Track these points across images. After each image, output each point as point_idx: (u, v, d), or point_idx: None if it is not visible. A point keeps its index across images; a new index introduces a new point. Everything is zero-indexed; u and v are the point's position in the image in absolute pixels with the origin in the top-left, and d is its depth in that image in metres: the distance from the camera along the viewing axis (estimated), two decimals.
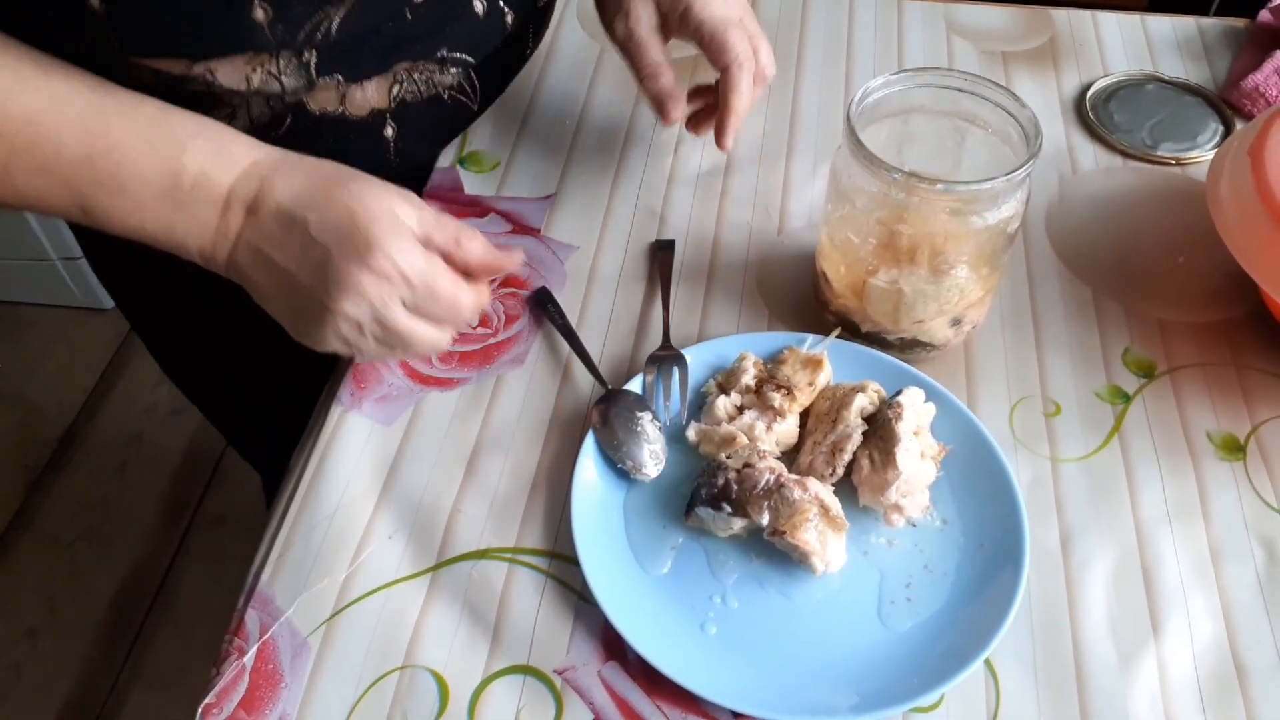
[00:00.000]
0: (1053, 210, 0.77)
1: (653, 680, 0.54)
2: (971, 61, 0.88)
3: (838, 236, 0.63)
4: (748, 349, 0.65)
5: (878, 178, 0.58)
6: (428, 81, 0.70)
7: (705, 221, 0.76)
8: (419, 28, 0.66)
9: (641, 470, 0.60)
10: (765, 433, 0.60)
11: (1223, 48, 0.90)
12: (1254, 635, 0.56)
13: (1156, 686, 0.54)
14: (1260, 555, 0.59)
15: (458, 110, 0.77)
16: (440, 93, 0.73)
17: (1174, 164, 0.80)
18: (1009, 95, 0.61)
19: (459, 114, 0.78)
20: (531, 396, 0.66)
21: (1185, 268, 0.73)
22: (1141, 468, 0.62)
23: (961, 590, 0.56)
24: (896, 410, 0.58)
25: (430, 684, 0.54)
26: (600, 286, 0.72)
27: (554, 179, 0.79)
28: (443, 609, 0.57)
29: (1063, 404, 0.65)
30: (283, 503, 0.62)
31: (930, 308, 0.63)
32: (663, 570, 0.57)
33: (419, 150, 0.77)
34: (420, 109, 0.72)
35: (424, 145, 0.78)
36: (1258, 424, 0.64)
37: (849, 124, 0.59)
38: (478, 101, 0.78)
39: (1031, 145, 0.58)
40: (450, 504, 0.61)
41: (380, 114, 0.69)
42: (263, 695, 0.54)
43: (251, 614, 0.57)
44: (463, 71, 0.73)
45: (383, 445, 0.64)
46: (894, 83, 0.62)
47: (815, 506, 0.55)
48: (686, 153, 0.81)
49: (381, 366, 0.67)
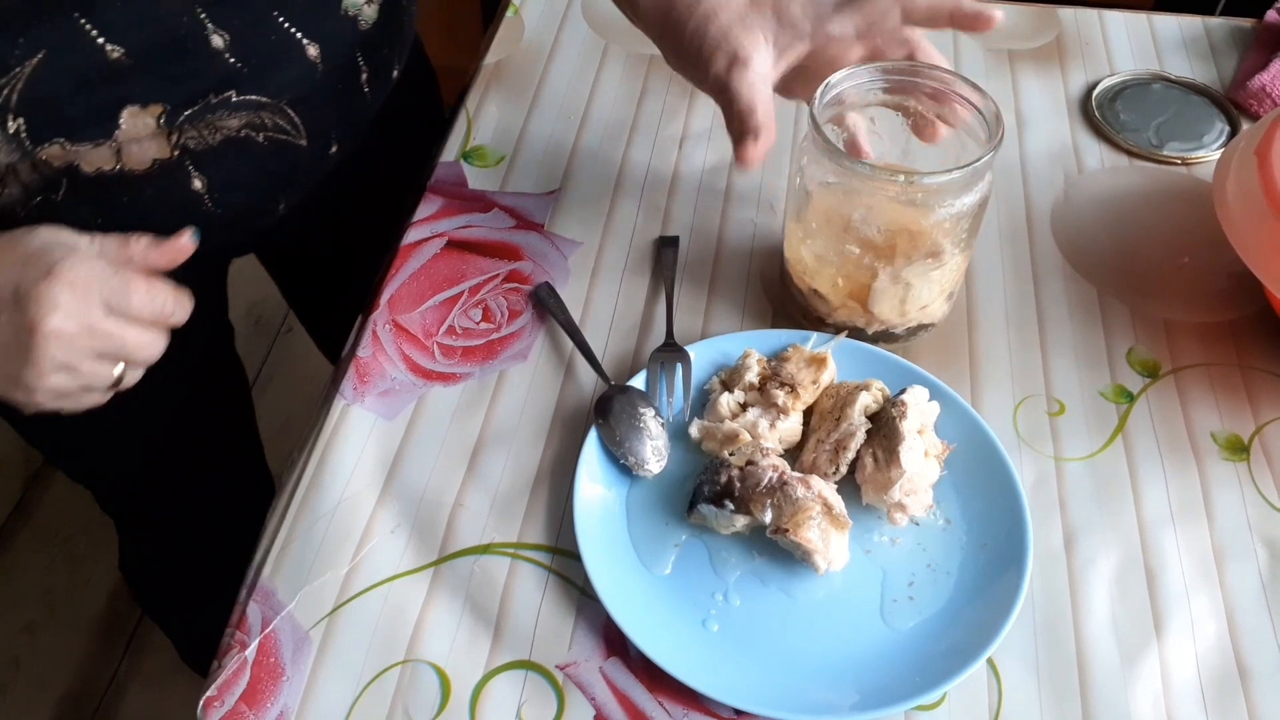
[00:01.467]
0: (1058, 209, 0.77)
1: (655, 676, 0.53)
2: (978, 59, 0.88)
3: (825, 252, 0.63)
4: (751, 346, 0.65)
5: (847, 174, 0.59)
6: (210, 126, 0.62)
7: (709, 218, 0.76)
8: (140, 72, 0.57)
9: (644, 467, 0.60)
10: (768, 430, 0.60)
11: (1229, 47, 0.90)
12: (1257, 636, 0.55)
13: (1159, 687, 0.54)
14: (1264, 556, 0.58)
15: (281, 151, 0.67)
16: (239, 134, 0.63)
17: (1180, 164, 0.80)
18: (971, 86, 0.61)
19: (284, 155, 0.67)
20: (534, 392, 0.66)
21: (1190, 268, 0.73)
22: (1145, 467, 0.62)
23: (964, 589, 0.56)
24: (900, 408, 0.58)
25: (432, 679, 0.54)
26: (604, 282, 0.72)
27: (558, 174, 0.79)
28: (445, 604, 0.57)
29: (1067, 403, 0.65)
30: (285, 496, 0.62)
31: (933, 290, 0.64)
32: (665, 571, 0.57)
33: (246, 198, 0.69)
34: (226, 154, 0.64)
35: (252, 193, 0.69)
36: (1262, 424, 0.64)
37: (813, 120, 0.59)
38: (305, 137, 0.68)
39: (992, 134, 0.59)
40: (453, 499, 0.61)
41: (169, 165, 0.62)
42: (264, 689, 0.54)
43: (253, 607, 0.56)
44: (263, 108, 0.63)
45: (385, 440, 0.64)
46: (857, 76, 0.62)
47: (818, 504, 0.55)
48: (691, 149, 0.81)
49: (384, 360, 0.67)
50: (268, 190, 0.70)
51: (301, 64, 0.63)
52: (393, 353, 0.68)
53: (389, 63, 0.73)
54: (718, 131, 0.82)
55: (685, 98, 0.85)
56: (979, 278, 0.72)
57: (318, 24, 0.63)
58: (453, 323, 0.70)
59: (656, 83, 0.86)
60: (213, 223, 0.66)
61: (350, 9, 0.66)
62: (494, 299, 0.71)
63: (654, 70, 0.87)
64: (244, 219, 0.70)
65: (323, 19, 0.64)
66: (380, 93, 0.73)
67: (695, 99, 0.85)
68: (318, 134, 0.69)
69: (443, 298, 0.71)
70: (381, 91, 0.74)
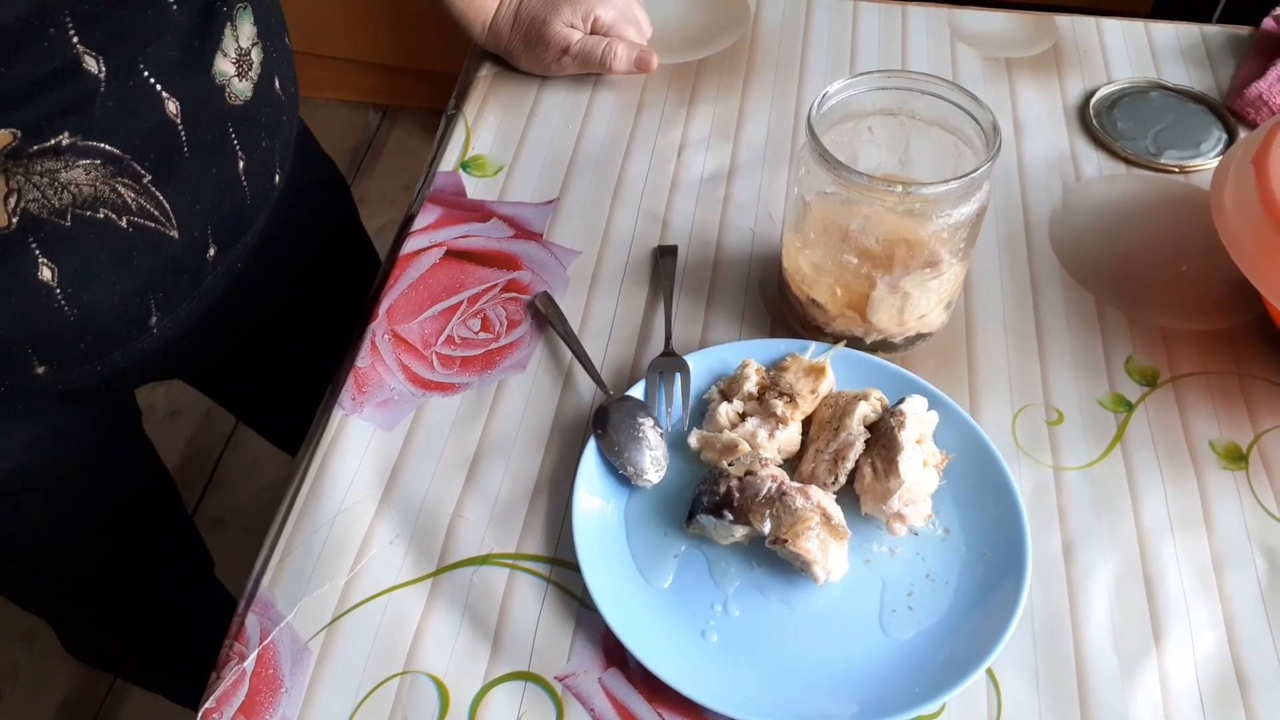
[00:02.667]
0: (1056, 217, 0.77)
1: (654, 687, 0.53)
2: (975, 68, 0.88)
3: (823, 262, 0.63)
4: (750, 355, 0.65)
5: (844, 184, 0.59)
6: (54, 183, 0.52)
7: (708, 227, 0.76)
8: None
9: (643, 476, 0.60)
10: (767, 440, 0.60)
11: (1226, 55, 0.90)
12: (1256, 645, 0.55)
13: (1158, 696, 0.54)
14: (1262, 565, 0.58)
15: (146, 241, 0.58)
16: (96, 213, 0.55)
17: (1177, 172, 0.80)
18: (968, 96, 0.61)
19: (151, 246, 0.59)
20: (533, 402, 0.66)
21: (1188, 276, 0.73)
22: (1144, 476, 0.62)
23: (963, 599, 0.56)
24: (899, 418, 0.58)
25: (431, 690, 0.54)
26: (602, 292, 0.72)
27: (557, 184, 0.79)
28: (444, 615, 0.57)
29: (1065, 412, 0.65)
30: (284, 507, 0.62)
31: (931, 299, 0.64)
32: (664, 582, 0.57)
33: (107, 299, 0.58)
34: (81, 236, 0.55)
35: (115, 295, 0.59)
36: (1260, 433, 0.64)
37: (810, 130, 0.59)
38: (176, 228, 0.59)
39: (990, 143, 0.59)
40: (451, 509, 0.61)
41: (8, 240, 0.52)
42: (263, 700, 0.54)
43: (252, 618, 0.56)
44: (116, 173, 0.55)
45: (384, 450, 0.64)
46: (854, 85, 0.62)
47: (817, 515, 0.55)
48: (690, 158, 0.81)
49: (382, 370, 0.67)
50: (134, 293, 0.60)
51: (157, 117, 0.56)
52: (391, 363, 0.68)
53: (270, 158, 0.67)
54: (716, 140, 0.82)
55: (683, 107, 0.85)
56: (977, 287, 0.72)
57: (177, 78, 0.56)
58: (451, 332, 0.70)
59: (654, 93, 0.86)
60: (67, 329, 0.57)
61: (219, 77, 0.60)
62: (493, 309, 0.71)
63: (652, 80, 0.87)
64: (110, 331, 0.61)
65: (186, 76, 0.57)
66: (262, 192, 0.67)
67: (694, 108, 0.85)
68: (190, 227, 0.61)
69: (441, 308, 0.71)
70: (263, 191, 0.67)
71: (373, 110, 2.28)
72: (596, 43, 0.84)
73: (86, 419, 0.72)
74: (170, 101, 0.56)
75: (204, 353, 0.74)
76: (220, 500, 1.66)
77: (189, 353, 0.71)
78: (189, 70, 0.57)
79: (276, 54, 0.66)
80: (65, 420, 0.69)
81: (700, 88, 0.87)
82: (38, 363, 0.59)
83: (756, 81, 0.87)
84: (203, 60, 0.58)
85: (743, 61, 0.89)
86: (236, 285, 0.71)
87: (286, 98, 0.69)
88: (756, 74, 0.88)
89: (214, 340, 0.73)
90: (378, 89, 2.26)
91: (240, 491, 1.67)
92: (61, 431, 0.70)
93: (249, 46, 0.62)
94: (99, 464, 0.76)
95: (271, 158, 0.68)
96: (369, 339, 0.69)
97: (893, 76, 0.63)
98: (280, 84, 0.67)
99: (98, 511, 0.80)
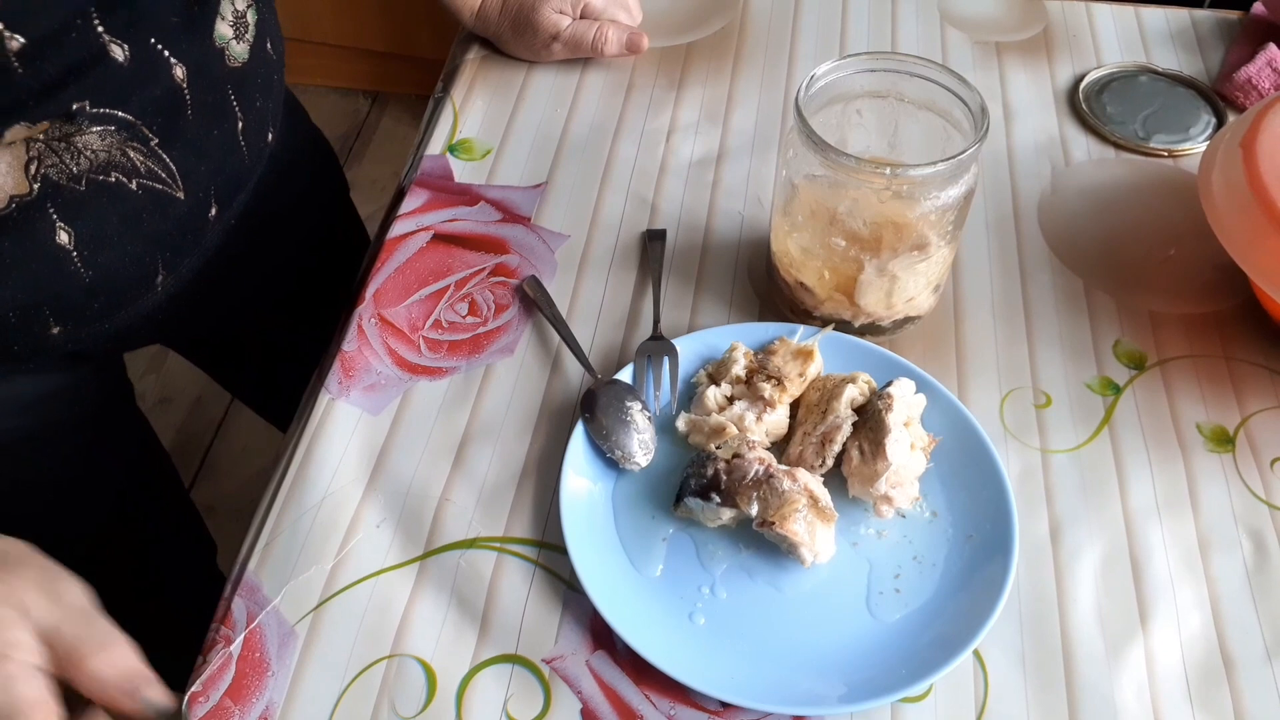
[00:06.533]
0: (1045, 201, 0.77)
1: (641, 670, 0.53)
2: (965, 52, 0.88)
3: (811, 245, 0.63)
4: (738, 339, 0.65)
5: (832, 166, 0.58)
6: (71, 149, 0.55)
7: (697, 211, 0.76)
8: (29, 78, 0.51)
9: (631, 460, 0.60)
10: (755, 423, 0.60)
11: (1216, 40, 0.90)
12: (1241, 626, 0.56)
13: (1144, 677, 0.54)
14: (1248, 547, 0.59)
15: (156, 203, 0.61)
16: (109, 178, 0.57)
17: (1166, 156, 0.80)
18: (957, 78, 0.61)
19: (160, 208, 0.61)
20: (521, 386, 0.66)
21: (1177, 260, 0.73)
22: (1131, 459, 0.62)
23: (950, 581, 0.56)
24: (887, 401, 0.58)
25: (418, 673, 0.54)
26: (591, 276, 0.72)
27: (545, 167, 0.79)
28: (431, 598, 0.57)
29: (1053, 395, 0.65)
30: (270, 491, 0.61)
31: (919, 283, 0.63)
32: (652, 568, 0.57)
33: (119, 260, 0.61)
34: (95, 200, 0.57)
35: (126, 255, 0.61)
36: (1247, 416, 0.65)
37: (799, 113, 0.59)
38: (182, 189, 0.62)
39: (978, 126, 0.59)
40: (438, 493, 0.61)
41: (28, 206, 0.55)
42: (249, 684, 0.53)
43: (238, 602, 0.56)
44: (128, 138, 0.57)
45: (371, 434, 0.63)
46: (843, 67, 0.62)
47: (804, 497, 0.55)
48: (679, 142, 0.81)
49: (369, 354, 0.67)
50: (143, 253, 0.63)
51: (165, 82, 0.58)
52: (378, 347, 0.68)
53: (264, 119, 0.69)
54: (705, 124, 0.82)
55: (673, 90, 0.85)
56: (965, 270, 0.72)
57: (183, 44, 0.58)
58: (439, 316, 0.69)
59: (644, 77, 0.86)
60: (82, 290, 0.60)
61: (219, 40, 0.62)
62: (480, 293, 0.71)
63: (641, 63, 0.87)
64: (120, 291, 0.63)
65: (190, 41, 0.59)
66: (256, 151, 0.69)
67: (683, 92, 0.85)
68: (194, 188, 0.63)
69: (428, 291, 0.71)
70: (258, 150, 0.69)
71: (362, 97, 2.27)
72: (587, 28, 0.84)
73: (86, 380, 0.73)
74: (178, 67, 0.58)
75: (201, 313, 0.76)
76: (210, 488, 1.66)
77: (189, 311, 0.73)
78: (193, 35, 0.60)
79: (267, 14, 0.69)
80: (67, 381, 0.70)
81: (689, 71, 0.87)
82: (54, 323, 0.61)
83: (746, 65, 0.87)
84: (204, 25, 0.61)
85: (732, 45, 0.89)
86: (232, 242, 0.73)
87: (277, 57, 0.71)
88: (746, 58, 0.88)
89: (211, 299, 0.75)
90: (367, 75, 2.25)
91: (231, 479, 1.66)
92: (64, 392, 0.71)
93: (244, 9, 0.64)
94: (95, 428, 0.77)
95: (265, 117, 0.70)
96: (355, 323, 0.69)
97: (881, 59, 0.63)
98: (271, 44, 0.69)
99: (96, 481, 0.80)
